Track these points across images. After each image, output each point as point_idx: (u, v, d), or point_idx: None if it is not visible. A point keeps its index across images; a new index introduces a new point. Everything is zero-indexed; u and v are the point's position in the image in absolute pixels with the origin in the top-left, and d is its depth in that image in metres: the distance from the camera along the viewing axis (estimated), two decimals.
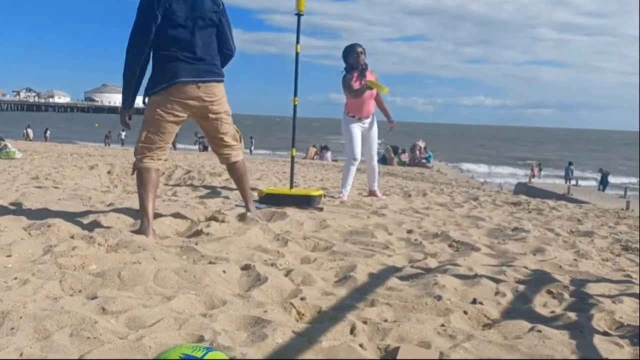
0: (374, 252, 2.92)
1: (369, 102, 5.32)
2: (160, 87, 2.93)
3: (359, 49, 5.20)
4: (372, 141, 5.48)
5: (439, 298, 2.11)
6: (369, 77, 5.24)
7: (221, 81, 3.10)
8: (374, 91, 5.28)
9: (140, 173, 3.02)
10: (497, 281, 2.42)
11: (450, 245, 3.29)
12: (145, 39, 2.89)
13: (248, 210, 3.50)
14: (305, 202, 4.27)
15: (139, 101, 3.16)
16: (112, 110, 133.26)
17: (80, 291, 2.01)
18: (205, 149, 24.17)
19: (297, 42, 4.39)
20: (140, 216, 3.02)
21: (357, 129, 5.34)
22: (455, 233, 3.60)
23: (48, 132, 30.32)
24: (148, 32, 2.89)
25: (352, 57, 5.20)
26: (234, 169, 3.38)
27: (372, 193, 5.70)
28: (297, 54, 4.41)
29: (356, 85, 5.16)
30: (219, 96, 3.07)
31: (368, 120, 5.36)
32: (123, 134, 28.72)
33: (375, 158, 5.63)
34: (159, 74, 2.95)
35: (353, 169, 5.37)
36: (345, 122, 5.36)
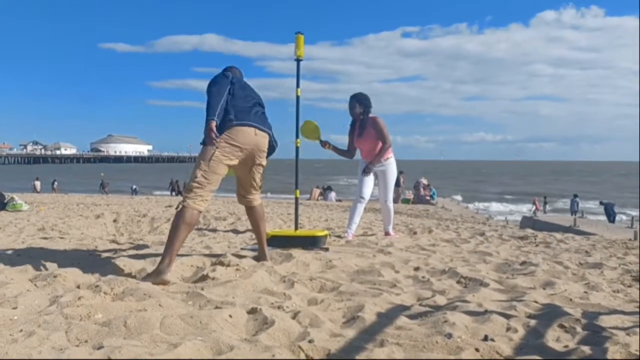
0: (382, 291, 2.89)
1: (372, 152, 5.37)
2: (226, 126, 3.18)
3: (352, 104, 5.35)
4: (386, 184, 5.53)
5: (450, 336, 2.08)
6: (372, 124, 5.32)
7: (269, 135, 3.43)
8: (373, 140, 5.32)
9: (184, 212, 3.08)
10: (507, 317, 2.38)
11: (458, 282, 3.25)
12: (227, 87, 3.28)
13: (262, 252, 3.59)
14: (310, 242, 4.26)
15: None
16: (117, 159, 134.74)
17: (86, 341, 1.99)
18: (178, 193, 24.42)
19: (298, 86, 4.49)
20: (160, 254, 3.10)
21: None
22: (463, 269, 3.57)
23: (56, 183, 30.75)
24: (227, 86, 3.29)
25: (350, 112, 5.42)
26: (254, 212, 3.58)
27: (387, 234, 5.70)
28: (297, 97, 4.50)
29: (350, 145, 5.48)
30: (265, 149, 3.40)
31: (381, 164, 5.42)
32: (134, 186, 29.59)
33: (390, 200, 5.61)
34: (227, 118, 3.21)
35: (359, 207, 5.42)
36: (359, 164, 5.55)
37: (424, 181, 21.40)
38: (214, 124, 3.16)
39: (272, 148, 3.52)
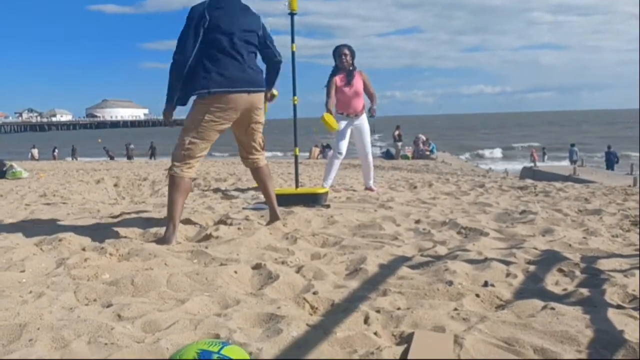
0: (383, 243, 2.93)
1: (356, 100, 5.38)
2: (215, 90, 2.96)
3: (344, 51, 5.34)
4: (365, 138, 5.53)
5: (451, 283, 2.12)
6: (357, 78, 5.36)
7: (264, 91, 3.21)
8: (360, 89, 5.36)
9: (175, 180, 3.01)
10: (507, 263, 2.42)
11: (458, 232, 3.29)
12: (194, 40, 2.96)
13: (274, 212, 3.45)
14: (311, 200, 4.28)
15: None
16: (114, 124, 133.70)
17: (95, 300, 2.03)
18: (129, 158, 24.81)
19: (292, 41, 4.41)
20: (166, 223, 3.04)
21: (344, 125, 5.41)
22: (463, 220, 3.61)
23: (56, 151, 30.36)
24: (196, 35, 2.97)
25: (339, 60, 5.37)
26: (259, 173, 3.43)
27: (368, 189, 5.74)
28: (293, 53, 4.43)
29: (333, 94, 5.31)
30: (260, 107, 3.19)
31: (358, 118, 5.42)
32: (132, 146, 28.78)
33: (370, 154, 5.66)
34: (212, 77, 2.96)
35: (337, 162, 5.49)
36: (335, 119, 5.43)
37: (423, 137, 21.36)
38: (170, 115, 3.13)
39: (277, 68, 3.38)
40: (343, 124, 5.39)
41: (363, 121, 5.48)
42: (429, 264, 2.46)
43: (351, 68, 5.36)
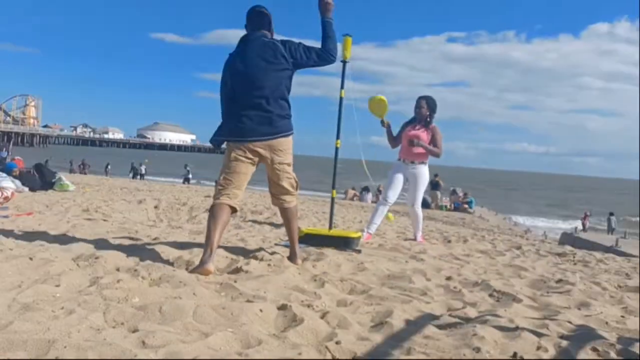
0: (412, 298, 2.88)
1: (415, 148, 5.40)
2: (228, 139, 3.30)
3: (422, 103, 5.50)
4: (416, 186, 5.51)
5: (478, 350, 2.06)
6: (432, 129, 5.47)
7: (281, 137, 3.26)
8: (422, 137, 5.46)
9: (213, 208, 3.21)
10: (539, 335, 2.34)
11: (490, 295, 3.20)
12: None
13: (293, 252, 3.54)
14: (343, 243, 4.28)
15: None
16: (162, 147, 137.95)
17: (122, 324, 2.07)
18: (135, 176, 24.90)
19: (342, 87, 4.49)
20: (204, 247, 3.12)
21: (398, 172, 5.46)
22: (497, 282, 3.51)
23: (109, 167, 28.74)
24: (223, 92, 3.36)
25: (415, 110, 5.55)
26: (285, 213, 3.52)
27: (415, 240, 5.69)
28: (341, 99, 4.51)
29: (396, 141, 5.60)
30: (281, 149, 3.28)
31: (414, 165, 5.45)
32: (143, 168, 27.77)
33: (418, 204, 5.61)
34: (226, 126, 3.30)
35: (382, 209, 5.47)
36: (393, 164, 5.58)
37: (460, 193, 21.06)
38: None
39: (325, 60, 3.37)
40: (399, 170, 5.47)
41: (419, 170, 5.48)
42: (457, 326, 2.40)
43: (428, 120, 5.48)
